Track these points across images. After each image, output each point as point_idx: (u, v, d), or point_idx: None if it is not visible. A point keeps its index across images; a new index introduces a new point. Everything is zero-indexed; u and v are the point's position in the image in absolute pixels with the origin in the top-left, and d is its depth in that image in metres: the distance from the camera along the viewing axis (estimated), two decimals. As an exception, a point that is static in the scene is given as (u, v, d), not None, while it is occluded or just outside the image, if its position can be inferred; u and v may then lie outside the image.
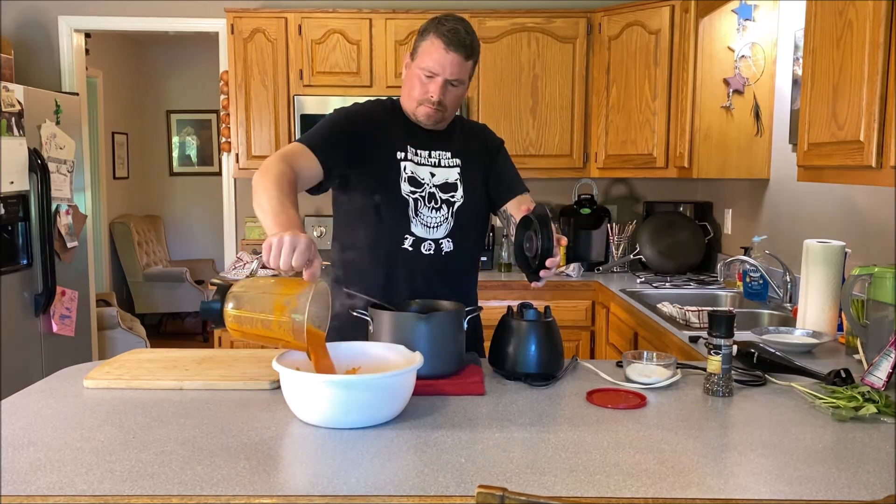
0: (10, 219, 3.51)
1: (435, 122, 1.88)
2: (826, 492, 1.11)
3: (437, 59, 1.79)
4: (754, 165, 3.30)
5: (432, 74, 1.81)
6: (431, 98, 1.83)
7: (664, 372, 1.64)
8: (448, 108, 1.86)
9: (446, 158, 1.93)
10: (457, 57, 1.79)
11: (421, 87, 1.83)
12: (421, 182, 1.89)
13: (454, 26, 1.80)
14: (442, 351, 1.64)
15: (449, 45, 1.78)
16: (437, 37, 1.79)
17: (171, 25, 4.24)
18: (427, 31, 1.82)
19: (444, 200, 1.90)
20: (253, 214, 4.24)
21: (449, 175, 1.92)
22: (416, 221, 1.87)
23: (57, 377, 1.71)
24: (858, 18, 1.82)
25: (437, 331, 1.64)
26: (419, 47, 1.84)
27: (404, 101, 1.92)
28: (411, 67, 1.86)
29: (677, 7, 3.49)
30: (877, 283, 1.84)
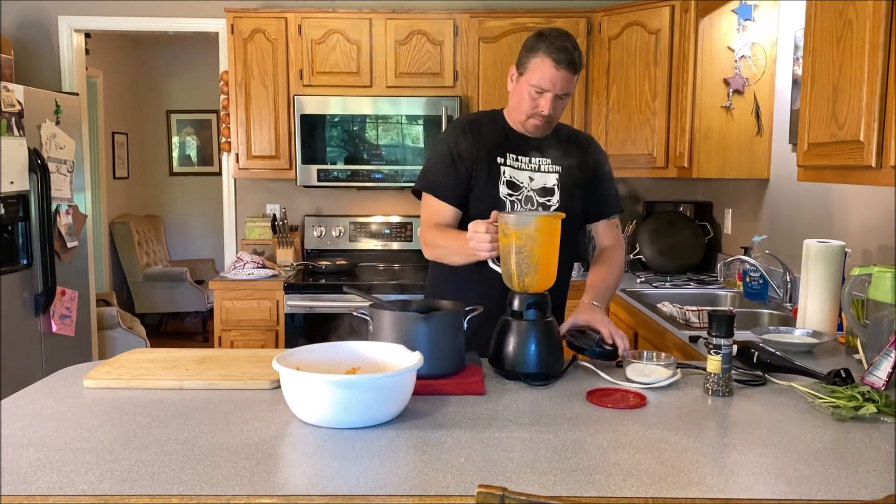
0: (10, 219, 3.51)
1: (542, 133, 2.00)
2: (826, 492, 1.11)
3: (549, 77, 1.89)
4: (754, 165, 3.30)
5: (542, 90, 1.90)
6: (542, 113, 1.93)
7: (664, 372, 1.64)
8: (555, 119, 1.98)
9: (546, 164, 2.03)
10: (567, 73, 1.89)
11: (531, 101, 1.93)
12: (519, 185, 2.00)
13: (563, 44, 1.88)
14: (442, 351, 1.64)
15: (559, 63, 1.87)
16: (547, 55, 1.88)
17: (171, 25, 4.24)
18: (536, 48, 1.90)
19: (540, 203, 2.01)
20: (253, 214, 4.24)
21: (547, 180, 2.02)
22: None
23: (57, 377, 1.71)
24: (858, 18, 1.82)
25: (436, 331, 1.64)
26: (528, 63, 1.92)
27: (511, 112, 2.03)
28: (520, 82, 1.95)
29: (677, 7, 3.49)
30: (876, 283, 1.84)
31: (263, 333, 3.63)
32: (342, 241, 4.18)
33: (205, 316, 6.43)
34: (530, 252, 1.68)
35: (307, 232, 4.20)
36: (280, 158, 3.90)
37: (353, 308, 1.74)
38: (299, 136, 3.80)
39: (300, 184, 3.86)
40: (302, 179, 3.84)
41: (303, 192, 4.23)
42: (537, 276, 1.69)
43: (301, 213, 4.28)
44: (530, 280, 1.69)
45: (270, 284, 3.63)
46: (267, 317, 3.62)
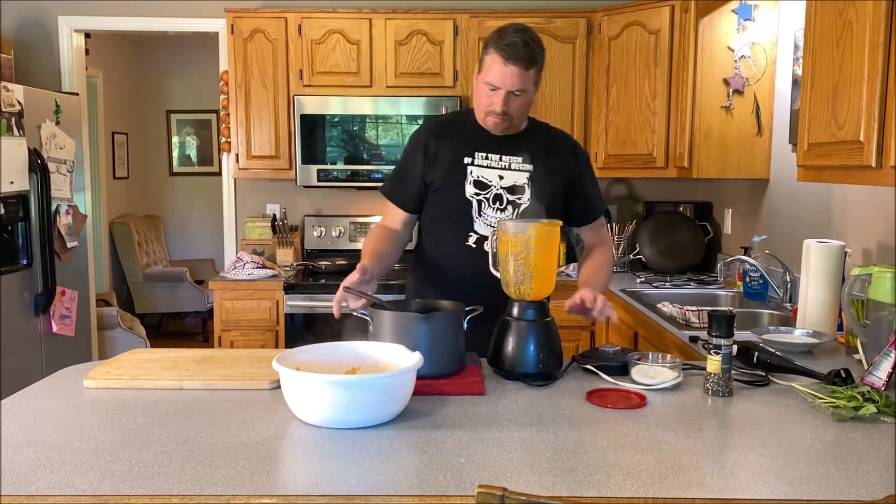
0: (10, 219, 3.51)
1: (502, 130, 2.00)
2: (826, 492, 1.11)
3: (498, 73, 1.88)
4: (754, 165, 3.30)
5: (495, 87, 1.90)
6: (495, 110, 1.92)
7: (669, 374, 1.64)
8: (514, 116, 1.96)
9: (517, 162, 2.02)
10: (516, 69, 1.87)
11: (486, 99, 1.94)
12: (488, 184, 2.00)
13: (513, 39, 1.87)
14: (442, 351, 1.64)
15: (507, 59, 1.86)
16: (497, 51, 1.88)
17: (171, 25, 4.24)
18: (488, 45, 1.92)
19: (510, 202, 2.00)
20: (253, 214, 4.24)
21: (518, 178, 2.01)
22: (480, 221, 1.99)
23: (57, 377, 1.71)
24: (858, 18, 1.82)
25: (437, 331, 1.64)
26: (483, 61, 1.94)
27: (475, 111, 2.04)
28: (478, 80, 1.96)
29: (677, 7, 3.49)
30: (876, 283, 1.84)
31: (263, 333, 3.63)
32: (342, 241, 4.18)
33: (205, 316, 6.43)
34: (525, 259, 1.67)
35: (307, 232, 4.20)
36: (280, 158, 3.90)
37: (353, 308, 1.74)
38: (299, 136, 3.80)
39: (300, 184, 3.86)
40: (302, 179, 3.84)
41: (303, 192, 4.23)
42: (534, 283, 1.69)
43: (301, 213, 4.28)
44: (527, 287, 1.69)
45: (270, 284, 3.63)
46: (267, 317, 3.62)
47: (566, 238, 3.97)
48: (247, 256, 3.81)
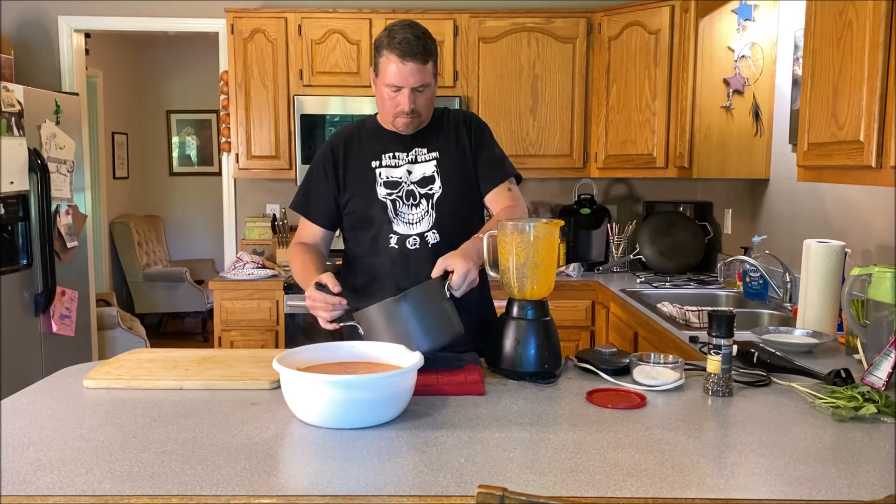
0: (10, 219, 3.51)
1: (415, 128, 1.97)
2: (826, 492, 1.11)
3: (398, 73, 1.85)
4: (754, 165, 3.30)
5: (398, 87, 1.87)
6: (403, 110, 1.89)
7: (671, 374, 1.64)
8: (422, 111, 1.93)
9: (422, 154, 1.99)
10: (414, 66, 1.84)
11: (391, 101, 1.90)
12: (398, 182, 1.97)
13: (404, 36, 1.84)
14: (433, 323, 1.63)
15: (403, 56, 1.83)
16: (391, 51, 1.84)
17: (171, 25, 4.24)
18: (381, 46, 1.87)
19: (422, 195, 1.96)
20: (253, 214, 4.24)
21: (426, 169, 1.98)
22: (398, 220, 1.96)
23: (57, 377, 1.71)
24: (858, 18, 1.82)
25: (418, 305, 1.62)
26: (378, 64, 1.89)
27: (380, 115, 2.01)
28: (377, 84, 1.92)
29: (677, 7, 3.49)
30: (876, 283, 1.84)
31: (263, 333, 3.63)
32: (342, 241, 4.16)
33: (205, 316, 6.43)
34: (525, 259, 1.67)
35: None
36: (280, 158, 3.90)
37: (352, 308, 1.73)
38: (299, 136, 3.80)
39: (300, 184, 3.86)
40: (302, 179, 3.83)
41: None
42: (535, 283, 1.69)
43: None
44: (529, 287, 1.69)
45: (270, 284, 3.63)
46: (267, 317, 3.62)
47: (566, 238, 3.97)
48: (247, 256, 3.81)
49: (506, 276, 1.72)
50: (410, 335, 1.60)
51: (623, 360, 1.73)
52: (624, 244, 3.97)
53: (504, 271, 1.72)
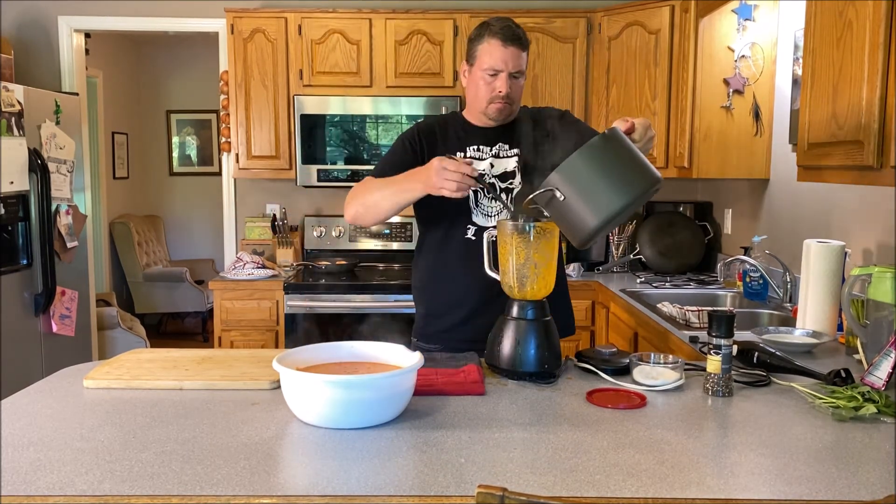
0: (10, 219, 3.51)
1: (506, 115, 2.01)
2: (826, 492, 1.11)
3: (499, 57, 1.91)
4: (754, 165, 3.30)
5: (496, 72, 1.93)
6: (500, 94, 1.94)
7: (671, 374, 1.64)
8: (514, 100, 1.98)
9: (504, 150, 2.04)
10: (515, 50, 1.92)
11: (487, 86, 1.95)
12: (481, 174, 1.99)
13: (505, 24, 1.93)
14: (637, 163, 1.57)
15: (507, 41, 1.91)
16: (493, 36, 1.92)
17: (171, 25, 4.25)
18: (480, 35, 1.95)
19: (502, 189, 2.01)
20: (253, 214, 4.24)
21: (507, 164, 2.03)
22: (477, 212, 2.01)
23: (57, 377, 1.71)
24: (858, 18, 1.82)
25: (621, 143, 1.55)
26: (476, 51, 1.96)
27: (471, 105, 2.04)
28: (473, 73, 1.98)
29: (677, 7, 3.49)
30: (876, 283, 1.84)
31: (263, 333, 3.63)
32: (342, 241, 4.18)
33: (205, 316, 6.43)
34: (525, 259, 1.67)
35: (307, 232, 4.19)
36: (280, 158, 3.90)
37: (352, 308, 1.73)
38: (299, 136, 3.80)
39: (300, 184, 3.86)
40: (302, 179, 3.84)
41: (303, 192, 4.23)
42: (536, 283, 1.69)
43: (301, 213, 4.28)
44: (529, 287, 1.69)
45: (270, 284, 3.63)
46: (267, 317, 3.62)
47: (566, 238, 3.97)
48: (247, 256, 3.81)
49: (506, 276, 1.72)
50: (618, 177, 1.52)
51: (623, 360, 1.73)
52: (624, 244, 3.97)
53: (504, 271, 1.72)
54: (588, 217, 1.50)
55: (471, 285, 1.99)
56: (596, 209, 1.50)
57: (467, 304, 2.01)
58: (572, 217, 1.52)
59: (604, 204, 1.50)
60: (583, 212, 1.51)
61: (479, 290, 1.97)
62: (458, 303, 2.03)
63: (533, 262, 1.68)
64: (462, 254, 2.01)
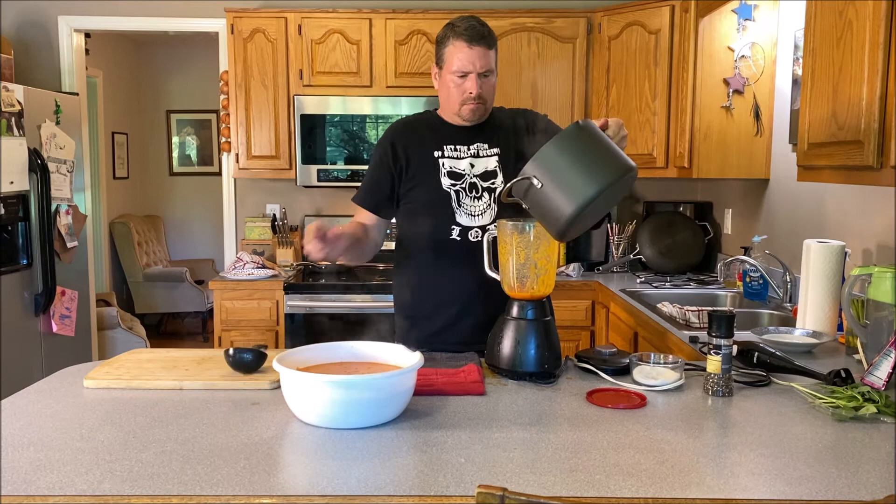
0: (10, 219, 3.51)
1: (480, 116, 2.00)
2: (826, 492, 1.11)
3: (465, 58, 1.92)
4: (754, 165, 3.30)
5: (465, 73, 1.93)
6: (471, 95, 1.94)
7: (671, 374, 1.64)
8: (487, 99, 1.98)
9: (484, 149, 2.03)
10: (481, 50, 1.93)
11: (457, 89, 1.96)
12: (461, 174, 2.00)
13: (469, 23, 1.95)
14: (612, 152, 1.55)
15: (472, 41, 1.92)
16: (458, 38, 1.93)
17: (171, 25, 4.24)
18: (446, 37, 1.97)
19: (484, 188, 2.00)
20: (253, 214, 4.24)
21: (488, 163, 2.02)
22: (461, 212, 1.99)
23: (57, 377, 1.71)
24: (858, 18, 1.82)
25: (594, 132, 1.55)
26: (443, 54, 1.97)
27: (444, 108, 2.05)
28: (443, 76, 1.99)
29: (677, 7, 3.49)
30: (876, 283, 1.84)
31: (263, 333, 3.63)
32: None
33: (205, 316, 6.43)
34: (525, 259, 1.68)
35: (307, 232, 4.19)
36: (280, 158, 3.90)
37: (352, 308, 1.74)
38: (299, 136, 3.80)
39: (300, 184, 3.86)
40: (302, 179, 3.84)
41: (303, 192, 4.23)
42: (536, 282, 1.69)
43: (301, 213, 4.28)
44: (529, 286, 1.69)
45: (270, 284, 3.63)
46: (267, 317, 3.62)
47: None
48: (247, 256, 3.81)
49: (506, 276, 1.72)
50: (593, 163, 1.51)
51: (623, 360, 1.73)
52: (624, 244, 3.97)
53: (504, 271, 1.72)
54: (564, 204, 1.50)
55: (457, 286, 1.98)
56: (572, 196, 1.49)
57: (455, 305, 2.00)
58: (549, 205, 1.52)
59: (579, 190, 1.49)
60: (559, 199, 1.50)
61: (466, 291, 1.97)
62: (446, 303, 2.01)
63: (533, 262, 1.68)
64: (447, 254, 2.00)
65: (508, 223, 1.70)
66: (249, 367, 1.67)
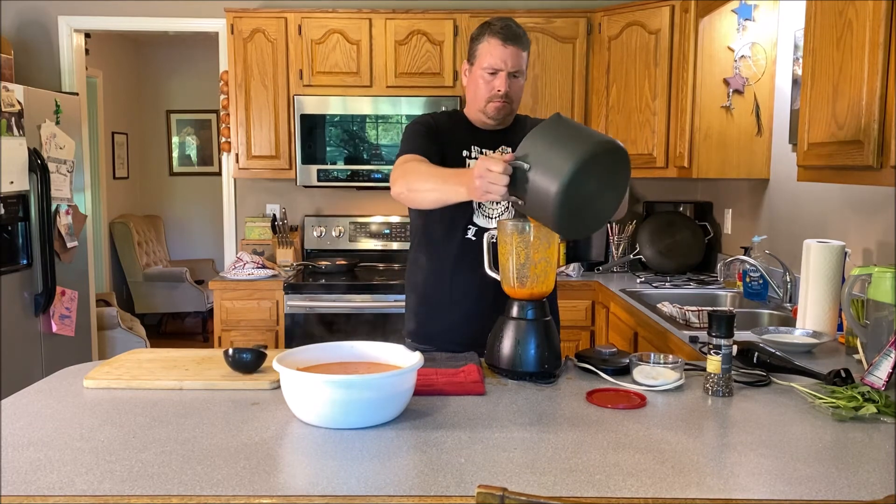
0: (10, 219, 3.51)
1: (504, 115, 2.01)
2: (826, 492, 1.11)
3: (498, 56, 1.93)
4: (754, 165, 3.30)
5: (495, 71, 1.94)
6: (499, 92, 1.95)
7: (671, 374, 1.64)
8: (514, 100, 1.99)
9: (507, 153, 1.99)
10: (515, 49, 1.93)
11: (486, 85, 1.96)
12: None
13: (506, 23, 1.95)
14: (591, 132, 1.58)
15: (506, 40, 1.93)
16: (493, 36, 1.93)
17: (171, 25, 4.24)
18: (481, 34, 1.97)
19: None
20: (253, 214, 4.24)
21: None
22: (479, 213, 2.01)
23: (57, 377, 1.71)
24: (858, 18, 1.82)
25: (570, 121, 1.60)
26: (477, 50, 1.98)
27: (471, 104, 2.05)
28: (473, 72, 2.00)
29: (677, 7, 3.49)
30: (876, 283, 1.84)
31: (263, 333, 3.63)
32: (342, 241, 4.17)
33: (205, 316, 6.43)
34: (525, 259, 1.68)
35: (307, 232, 4.20)
36: (280, 158, 3.90)
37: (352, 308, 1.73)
38: (299, 136, 3.80)
39: (300, 184, 3.86)
40: (302, 179, 3.84)
41: (303, 192, 4.23)
42: (536, 283, 1.69)
43: (301, 213, 4.28)
44: (529, 286, 1.69)
45: (270, 284, 3.63)
46: (267, 317, 3.62)
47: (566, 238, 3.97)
48: (247, 256, 3.81)
49: (506, 276, 1.72)
50: (571, 140, 1.52)
51: (623, 360, 1.73)
52: (624, 244, 3.97)
53: (504, 271, 1.72)
54: (549, 185, 1.49)
55: (470, 286, 2.00)
56: (555, 174, 1.49)
57: (466, 305, 2.02)
58: (538, 189, 1.51)
59: (560, 167, 1.48)
60: (545, 182, 1.50)
61: (477, 291, 1.98)
62: (458, 302, 2.03)
63: (533, 262, 1.68)
64: (462, 254, 2.01)
65: (508, 223, 1.70)
66: (249, 366, 1.67)
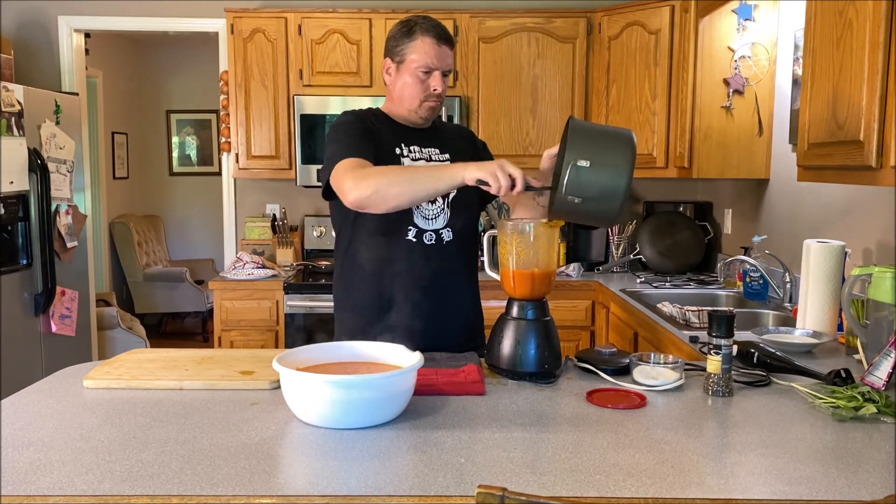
0: (10, 219, 3.51)
1: (436, 114, 1.99)
2: (826, 492, 1.11)
3: (434, 54, 1.89)
4: (754, 165, 3.30)
5: (430, 70, 1.90)
6: (435, 91, 1.92)
7: (671, 374, 1.64)
8: (443, 99, 1.98)
9: (436, 153, 2.01)
10: (447, 49, 1.92)
11: (420, 84, 1.92)
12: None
13: (434, 22, 1.92)
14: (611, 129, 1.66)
15: (440, 39, 1.90)
16: (426, 34, 1.89)
17: (171, 25, 4.25)
18: (411, 32, 1.91)
19: None
20: (253, 214, 4.24)
21: None
22: (418, 213, 1.94)
23: (57, 377, 1.71)
24: (858, 18, 1.82)
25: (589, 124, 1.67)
26: (406, 49, 1.91)
27: (398, 103, 1.98)
28: (401, 71, 1.93)
29: (677, 7, 3.49)
30: (876, 283, 1.84)
31: (263, 333, 3.63)
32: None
33: (205, 316, 6.43)
34: (525, 259, 1.68)
35: (307, 232, 4.20)
36: (280, 158, 3.90)
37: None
38: (299, 136, 3.80)
39: (300, 184, 3.86)
40: (302, 179, 3.84)
41: (303, 192, 4.23)
42: (535, 282, 1.69)
43: (301, 213, 4.28)
44: (529, 286, 1.69)
45: (270, 284, 3.63)
46: (267, 317, 3.62)
47: (566, 238, 3.97)
48: (247, 256, 3.81)
49: (506, 276, 1.72)
50: (610, 134, 1.60)
51: (623, 360, 1.73)
52: (624, 244, 3.97)
53: (504, 271, 1.72)
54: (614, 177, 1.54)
55: (409, 287, 1.92)
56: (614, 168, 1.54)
57: (405, 306, 1.93)
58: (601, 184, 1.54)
59: (619, 158, 1.55)
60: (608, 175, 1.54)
61: (416, 293, 1.92)
62: (396, 303, 1.93)
63: (533, 263, 1.68)
64: (403, 255, 1.92)
65: (508, 223, 1.70)
66: None
